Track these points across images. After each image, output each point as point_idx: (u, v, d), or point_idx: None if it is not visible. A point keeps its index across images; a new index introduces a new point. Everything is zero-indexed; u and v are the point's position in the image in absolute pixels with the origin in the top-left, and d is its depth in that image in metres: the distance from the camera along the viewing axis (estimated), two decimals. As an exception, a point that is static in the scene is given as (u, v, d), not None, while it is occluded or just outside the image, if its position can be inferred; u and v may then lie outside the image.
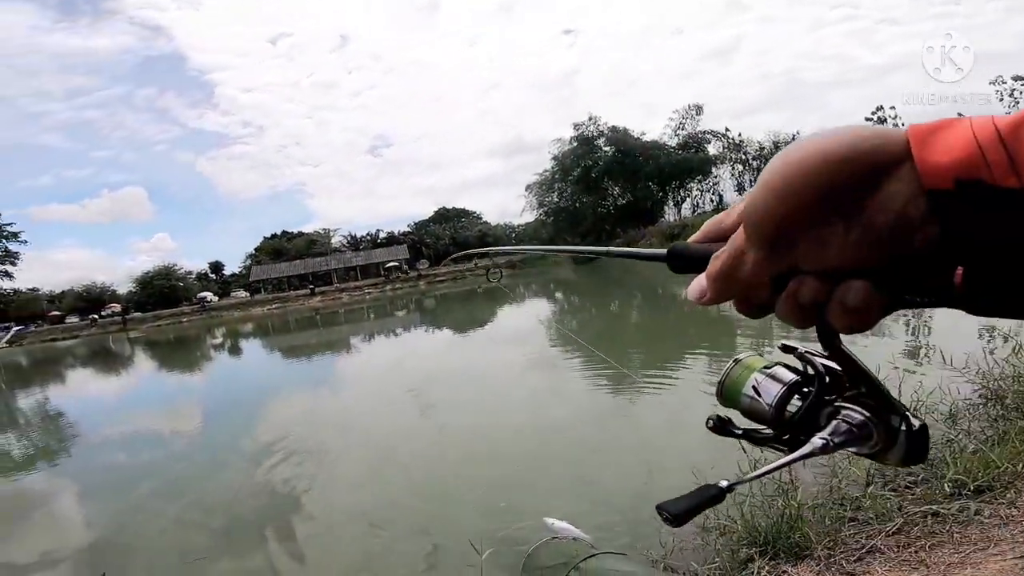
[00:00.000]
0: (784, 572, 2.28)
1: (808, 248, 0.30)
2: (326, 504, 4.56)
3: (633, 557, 2.58)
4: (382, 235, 72.64)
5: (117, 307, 51.74)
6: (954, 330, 6.89)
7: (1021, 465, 2.58)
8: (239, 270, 70.13)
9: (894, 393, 0.37)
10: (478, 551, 2.84)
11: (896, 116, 28.00)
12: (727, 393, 0.45)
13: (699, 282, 0.36)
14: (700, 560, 2.60)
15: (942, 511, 2.39)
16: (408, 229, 71.75)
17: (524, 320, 17.20)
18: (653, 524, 3.05)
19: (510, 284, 35.10)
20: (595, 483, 3.99)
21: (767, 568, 2.32)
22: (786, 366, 0.43)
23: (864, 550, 2.28)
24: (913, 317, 8.88)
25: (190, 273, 63.48)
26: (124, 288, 59.55)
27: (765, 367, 0.44)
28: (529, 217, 50.86)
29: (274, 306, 44.61)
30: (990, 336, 5.89)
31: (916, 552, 2.14)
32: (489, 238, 66.52)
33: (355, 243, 72.50)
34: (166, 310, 50.26)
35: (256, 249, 71.36)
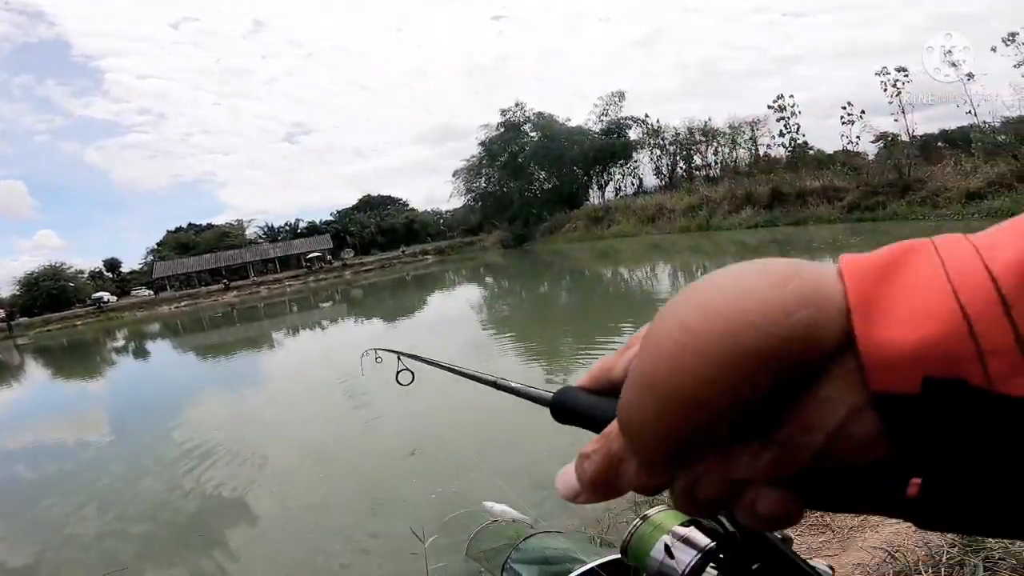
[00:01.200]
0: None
1: (710, 465, 0.21)
2: (256, 507, 4.34)
3: (571, 534, 2.65)
4: (303, 225, 69.29)
5: (0, 312, 46.06)
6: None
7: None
8: (140, 267, 64.36)
9: None
10: (421, 539, 2.80)
11: (795, 104, 30.03)
12: (633, 553, 0.43)
13: (570, 480, 0.26)
14: (634, 531, 2.71)
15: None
16: (331, 218, 68.89)
17: (455, 307, 17.11)
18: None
19: (440, 270, 34.78)
20: (531, 464, 4.05)
21: (696, 531, 2.45)
22: (701, 525, 0.40)
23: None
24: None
25: (82, 272, 56.98)
26: (6, 291, 52.95)
27: (679, 526, 0.41)
28: (457, 203, 50.42)
29: (183, 304, 41.47)
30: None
31: (821, 516, 2.29)
32: (416, 224, 65.25)
33: (273, 234, 68.64)
34: (56, 313, 45.35)
35: (159, 244, 65.82)
